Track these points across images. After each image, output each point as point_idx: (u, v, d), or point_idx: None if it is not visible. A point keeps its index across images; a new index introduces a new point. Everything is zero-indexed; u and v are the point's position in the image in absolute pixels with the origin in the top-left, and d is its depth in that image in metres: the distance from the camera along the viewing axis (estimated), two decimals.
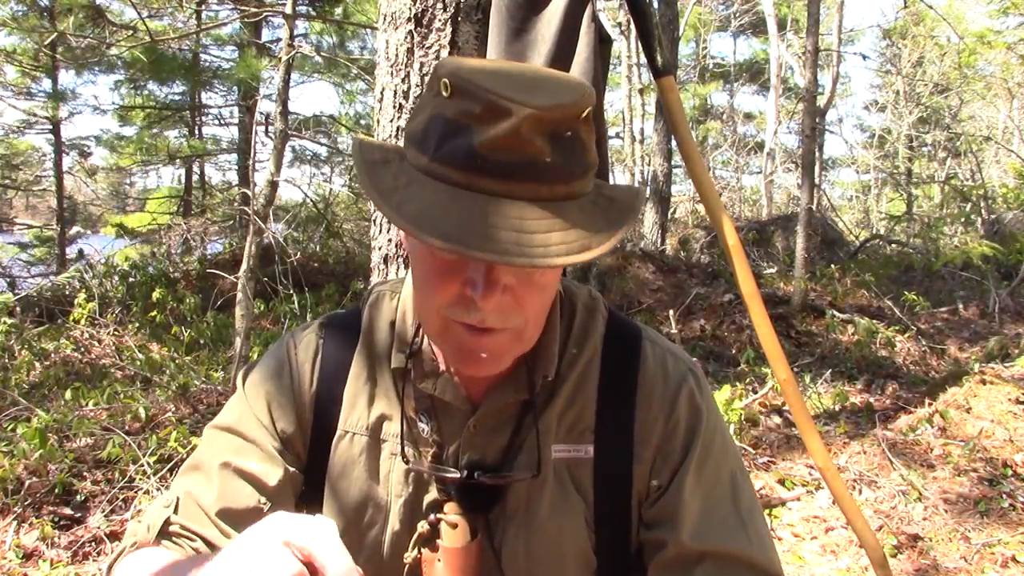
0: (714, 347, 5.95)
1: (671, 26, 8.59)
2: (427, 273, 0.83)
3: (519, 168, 0.75)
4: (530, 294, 0.82)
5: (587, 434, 0.94)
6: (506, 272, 0.79)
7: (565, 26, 1.64)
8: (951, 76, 16.39)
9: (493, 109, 0.74)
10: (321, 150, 14.21)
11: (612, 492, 0.94)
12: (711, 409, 0.98)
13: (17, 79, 11.23)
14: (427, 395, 0.95)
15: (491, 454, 0.94)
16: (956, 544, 3.04)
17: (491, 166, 0.74)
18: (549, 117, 0.75)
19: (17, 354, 5.22)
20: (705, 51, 22.32)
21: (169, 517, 0.90)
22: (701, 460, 0.94)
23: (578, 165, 0.79)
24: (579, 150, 0.79)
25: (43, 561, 2.90)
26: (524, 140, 0.74)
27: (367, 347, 0.99)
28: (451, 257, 0.80)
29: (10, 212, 13.62)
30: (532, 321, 0.85)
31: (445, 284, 0.81)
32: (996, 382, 4.05)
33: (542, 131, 0.75)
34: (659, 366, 0.97)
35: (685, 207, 14.89)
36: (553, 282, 0.86)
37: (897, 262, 8.83)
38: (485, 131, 0.74)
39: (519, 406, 0.94)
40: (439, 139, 0.77)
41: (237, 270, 5.02)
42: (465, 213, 0.73)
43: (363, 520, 0.95)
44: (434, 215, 0.74)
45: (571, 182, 0.78)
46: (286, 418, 0.97)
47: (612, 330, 0.99)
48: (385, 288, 1.04)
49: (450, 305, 0.81)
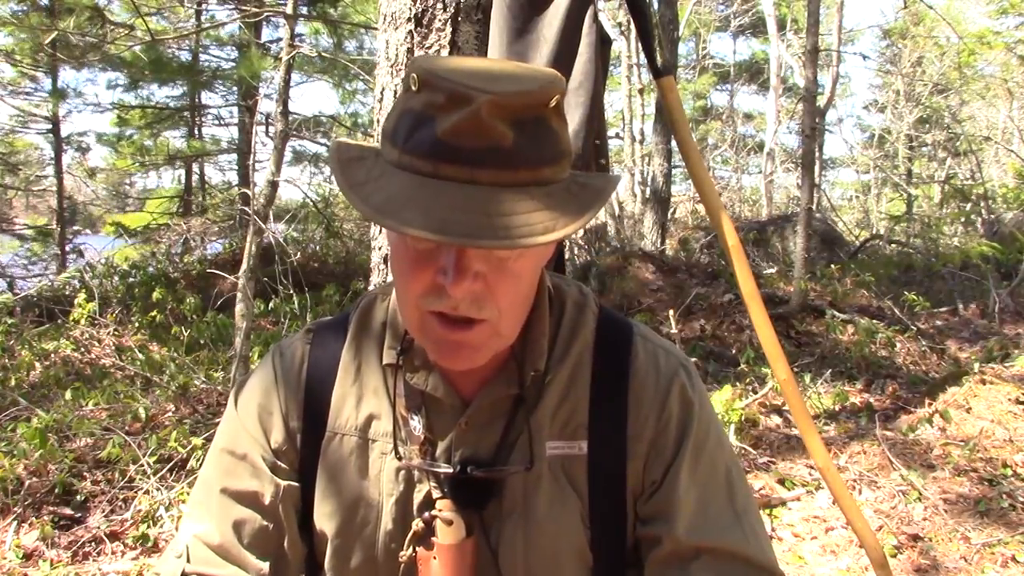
0: (714, 347, 5.95)
1: (671, 26, 8.58)
2: (402, 264, 0.85)
3: (482, 154, 0.76)
4: (502, 282, 0.82)
5: (580, 431, 0.95)
6: (476, 258, 0.80)
7: (567, 26, 1.65)
8: (951, 76, 16.39)
9: (455, 97, 0.76)
10: (321, 150, 14.21)
11: (607, 488, 0.95)
12: (704, 404, 0.98)
13: (16, 78, 11.23)
14: (418, 392, 0.96)
15: (484, 450, 0.94)
16: (956, 544, 3.05)
17: (455, 153, 0.76)
18: (510, 103, 0.76)
19: (17, 354, 5.22)
20: (705, 51, 22.33)
21: (184, 569, 0.92)
22: (695, 455, 0.94)
23: (546, 152, 0.80)
24: (546, 137, 0.80)
25: (43, 561, 2.90)
26: (485, 125, 0.75)
27: (355, 348, 1.00)
28: (423, 247, 0.81)
29: (10, 212, 13.61)
30: (507, 312, 0.85)
31: (418, 274, 0.82)
32: (996, 382, 4.06)
33: (503, 117, 0.76)
34: (651, 362, 0.98)
35: (685, 207, 14.87)
36: (527, 271, 0.86)
37: (897, 262, 8.82)
38: (448, 119, 0.76)
39: (511, 402, 0.95)
40: (407, 131, 0.79)
41: (237, 270, 5.03)
42: (431, 200, 0.75)
43: (356, 520, 0.96)
44: (400, 203, 0.76)
45: (538, 168, 0.79)
46: (277, 428, 0.98)
47: (603, 327, 0.99)
48: (376, 291, 1.05)
49: (424, 294, 0.83)
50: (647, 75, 12.83)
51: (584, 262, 8.47)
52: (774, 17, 14.77)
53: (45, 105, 11.10)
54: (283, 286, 5.56)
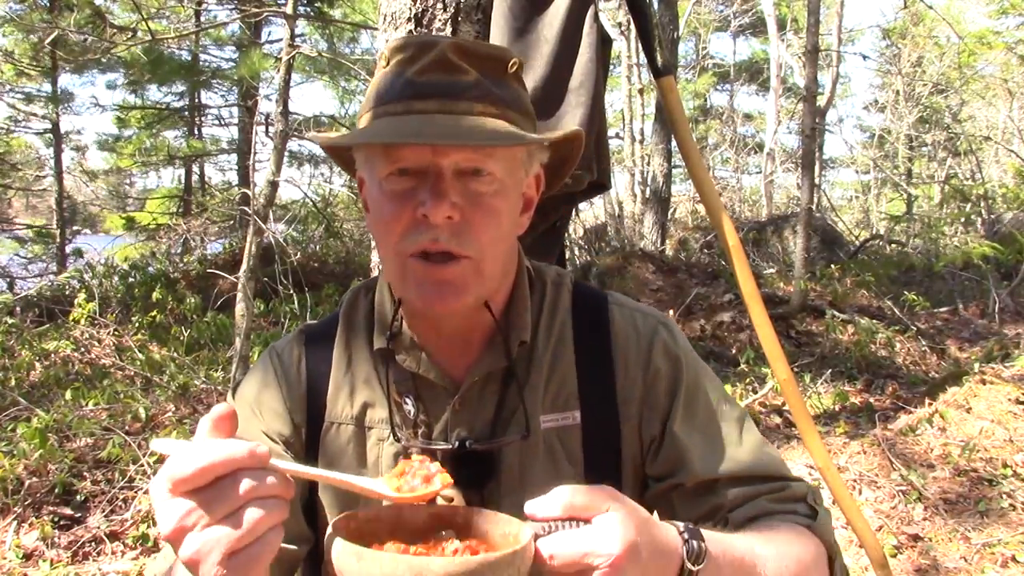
0: (714, 347, 5.95)
1: (671, 26, 8.58)
2: (382, 211, 0.89)
3: (451, 87, 0.85)
4: (481, 217, 0.87)
5: (572, 400, 0.98)
6: (453, 188, 0.85)
7: (567, 26, 1.65)
8: (951, 76, 16.38)
9: (422, 46, 0.87)
10: (321, 150, 14.18)
11: (602, 455, 0.98)
12: (688, 354, 1.03)
13: (16, 79, 11.22)
14: (409, 376, 0.98)
15: (479, 428, 0.97)
16: (956, 544, 3.04)
17: (425, 88, 0.85)
18: (472, 49, 0.87)
19: (17, 354, 5.21)
20: (705, 51, 22.32)
21: None
22: (690, 404, 0.99)
23: (510, 99, 0.89)
24: (509, 89, 0.89)
25: (43, 561, 2.90)
26: (452, 63, 0.85)
27: (346, 341, 1.03)
28: (400, 187, 0.87)
29: (10, 212, 13.60)
30: (488, 250, 0.89)
31: (398, 213, 0.87)
32: (996, 382, 4.05)
33: (468, 59, 0.86)
34: (630, 325, 1.02)
35: (685, 207, 14.87)
36: (504, 210, 0.90)
37: (897, 262, 8.82)
38: (417, 64, 0.86)
39: (501, 378, 0.97)
40: (380, 93, 0.89)
41: (237, 270, 5.02)
42: (404, 125, 0.84)
43: (356, 507, 0.96)
44: (375, 131, 0.86)
45: (503, 107, 0.87)
46: (282, 421, 1.00)
47: (579, 300, 1.04)
48: (360, 286, 1.09)
49: (405, 233, 0.87)
50: (647, 75, 12.83)
51: (584, 262, 8.47)
52: (774, 17, 14.77)
53: (45, 104, 11.09)
54: (283, 286, 5.55)
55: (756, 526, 0.91)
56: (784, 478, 0.98)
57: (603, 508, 0.72)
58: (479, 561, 0.65)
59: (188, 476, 0.60)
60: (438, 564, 0.64)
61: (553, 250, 1.86)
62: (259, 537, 0.61)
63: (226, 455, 0.61)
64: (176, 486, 0.61)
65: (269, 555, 0.62)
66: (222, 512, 0.60)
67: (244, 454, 0.62)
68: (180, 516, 0.61)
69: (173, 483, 0.61)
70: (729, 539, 0.83)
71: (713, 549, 0.78)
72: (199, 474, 0.60)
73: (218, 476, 0.61)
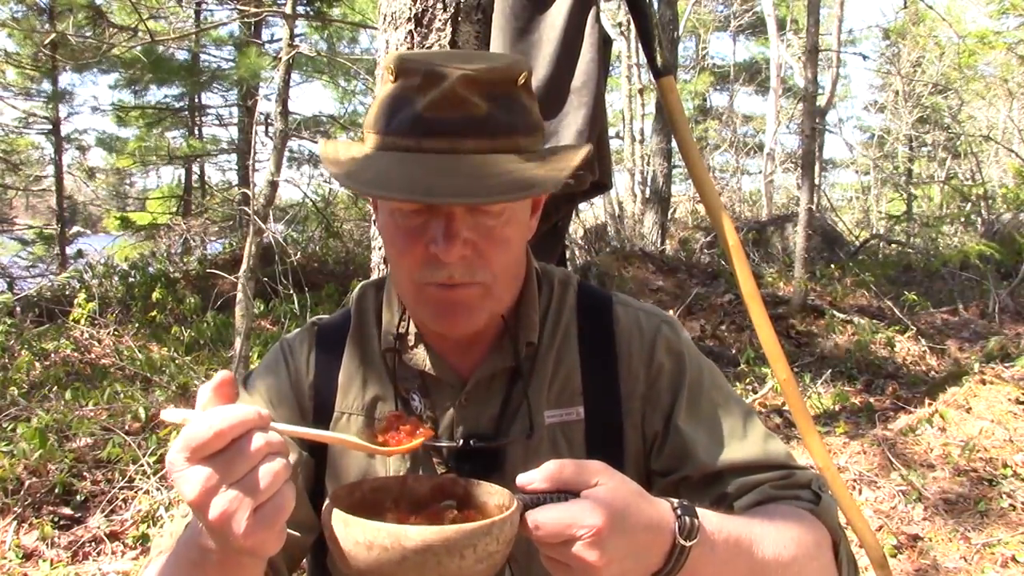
0: (714, 347, 5.95)
1: (671, 26, 8.59)
2: (395, 242, 0.89)
3: (461, 125, 0.83)
4: (492, 248, 0.88)
5: (576, 397, 1.00)
6: (464, 224, 0.85)
7: (569, 27, 1.65)
8: (951, 76, 16.37)
9: (431, 76, 0.83)
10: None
11: (605, 450, 0.98)
12: (691, 350, 1.04)
13: (16, 80, 11.22)
14: (418, 373, 1.00)
15: (484, 425, 0.98)
16: (956, 544, 3.05)
17: (435, 126, 0.83)
18: (483, 78, 0.83)
19: (17, 354, 5.21)
20: (704, 51, 22.32)
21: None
22: (694, 399, 1.00)
23: (520, 122, 0.87)
24: (519, 109, 0.87)
25: (43, 561, 2.91)
26: (460, 97, 0.82)
27: (357, 335, 1.05)
28: (412, 223, 0.87)
29: (10, 212, 13.59)
30: (500, 277, 0.90)
31: (411, 247, 0.87)
32: (996, 382, 4.05)
33: (478, 90, 0.83)
34: (633, 324, 1.03)
35: (685, 207, 14.85)
36: (515, 238, 0.91)
37: (897, 262, 8.83)
38: (425, 97, 0.83)
39: (507, 376, 0.99)
40: (387, 116, 0.86)
41: (237, 270, 5.02)
42: (417, 170, 0.81)
43: None
44: (388, 177, 0.82)
45: (513, 136, 0.86)
46: (289, 408, 1.01)
47: (584, 300, 1.06)
48: (370, 283, 1.10)
49: (419, 267, 0.88)
50: (647, 75, 12.83)
51: (584, 262, 8.47)
52: (774, 17, 14.76)
53: (45, 104, 11.08)
54: (283, 286, 5.56)
55: (757, 509, 0.92)
56: (789, 467, 0.99)
57: (592, 481, 0.74)
58: (455, 530, 0.69)
59: (206, 440, 0.63)
60: (415, 532, 0.68)
61: (554, 251, 1.86)
62: (278, 490, 0.65)
63: (240, 417, 0.65)
64: (194, 452, 0.64)
65: (289, 505, 0.66)
66: (242, 471, 0.64)
67: (254, 415, 0.65)
68: (203, 480, 0.63)
69: (191, 450, 0.64)
70: (726, 518, 0.84)
71: (708, 526, 0.79)
72: (216, 438, 0.64)
73: (234, 438, 0.64)
